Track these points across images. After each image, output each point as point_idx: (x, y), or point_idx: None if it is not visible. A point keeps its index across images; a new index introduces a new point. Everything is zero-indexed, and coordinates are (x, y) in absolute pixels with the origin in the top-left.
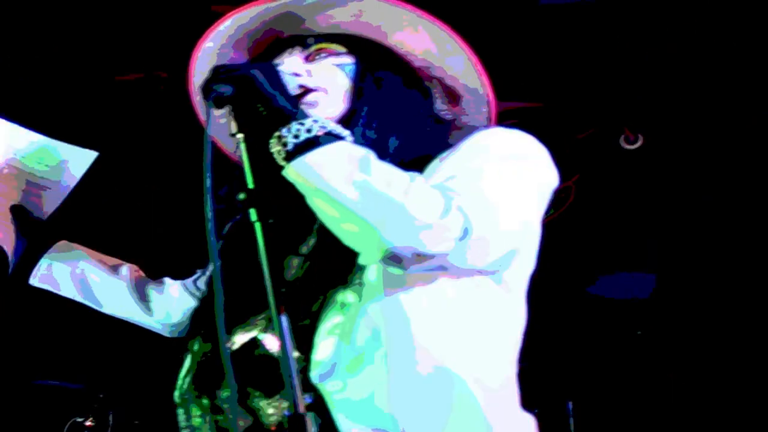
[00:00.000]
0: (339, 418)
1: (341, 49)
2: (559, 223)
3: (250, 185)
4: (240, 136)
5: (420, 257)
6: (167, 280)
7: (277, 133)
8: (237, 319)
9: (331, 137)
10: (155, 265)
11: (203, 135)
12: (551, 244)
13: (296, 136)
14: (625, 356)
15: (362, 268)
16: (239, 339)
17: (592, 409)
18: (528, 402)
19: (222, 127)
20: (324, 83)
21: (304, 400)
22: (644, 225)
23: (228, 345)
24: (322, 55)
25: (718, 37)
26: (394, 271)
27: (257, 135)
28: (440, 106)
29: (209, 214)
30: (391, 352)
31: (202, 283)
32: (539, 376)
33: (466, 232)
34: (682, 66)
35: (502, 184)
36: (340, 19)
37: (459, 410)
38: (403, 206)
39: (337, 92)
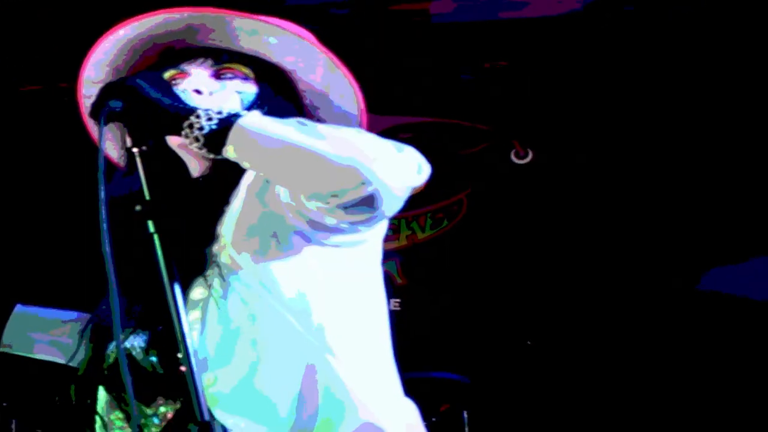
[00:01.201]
0: (216, 412)
1: (250, 74)
2: (452, 234)
3: (147, 197)
4: (135, 150)
5: (398, 194)
6: None
7: (186, 123)
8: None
9: (241, 114)
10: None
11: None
12: (444, 253)
13: (209, 119)
14: (517, 366)
15: (213, 258)
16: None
17: (487, 419)
18: (424, 411)
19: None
20: (219, 106)
21: (207, 409)
22: (534, 236)
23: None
24: (229, 75)
25: (607, 54)
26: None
27: (154, 144)
28: None
29: (104, 226)
30: (256, 337)
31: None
32: (435, 386)
33: (420, 168)
34: (572, 85)
35: None
36: (256, 45)
37: (329, 389)
38: (369, 143)
39: None
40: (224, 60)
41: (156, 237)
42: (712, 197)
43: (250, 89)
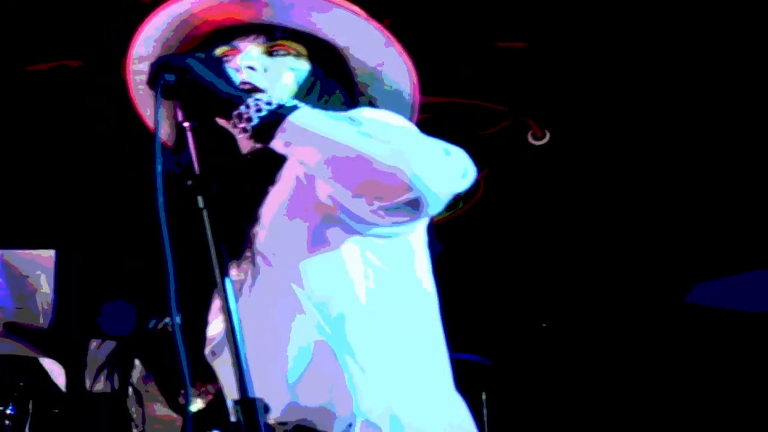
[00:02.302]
0: (226, 390)
1: (303, 51)
2: (469, 215)
3: (197, 172)
4: (187, 124)
5: (443, 197)
6: None
7: (236, 111)
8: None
9: (294, 107)
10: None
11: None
12: (462, 235)
13: (259, 110)
14: (534, 349)
15: (252, 239)
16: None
17: (506, 401)
18: None
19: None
20: (272, 83)
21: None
22: (551, 218)
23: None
24: (281, 52)
25: (623, 34)
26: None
27: (204, 122)
28: None
29: (160, 200)
30: (273, 324)
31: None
32: (453, 368)
33: (465, 173)
34: (589, 64)
35: None
36: (313, 20)
37: (339, 382)
38: (417, 145)
39: (280, 93)
40: (277, 37)
41: (205, 213)
42: (734, 178)
43: (303, 66)
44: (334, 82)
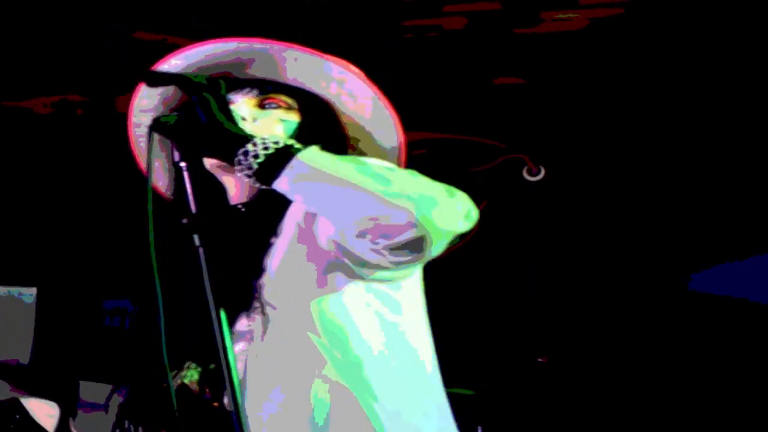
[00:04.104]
0: None
1: (294, 104)
2: (464, 251)
3: (193, 210)
4: (183, 164)
5: (447, 237)
6: None
7: (241, 150)
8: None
9: (299, 148)
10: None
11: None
12: (457, 270)
13: (266, 147)
14: (531, 384)
15: (260, 290)
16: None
17: None
18: None
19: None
20: (261, 133)
21: None
22: (546, 254)
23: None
24: (273, 105)
25: (617, 71)
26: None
27: (200, 162)
28: None
29: (152, 239)
30: (290, 373)
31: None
32: (450, 401)
33: (468, 215)
34: (584, 101)
35: None
36: (302, 76)
37: (358, 426)
38: (422, 186)
39: None
40: (269, 90)
41: (201, 251)
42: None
43: (293, 118)
44: (323, 136)
